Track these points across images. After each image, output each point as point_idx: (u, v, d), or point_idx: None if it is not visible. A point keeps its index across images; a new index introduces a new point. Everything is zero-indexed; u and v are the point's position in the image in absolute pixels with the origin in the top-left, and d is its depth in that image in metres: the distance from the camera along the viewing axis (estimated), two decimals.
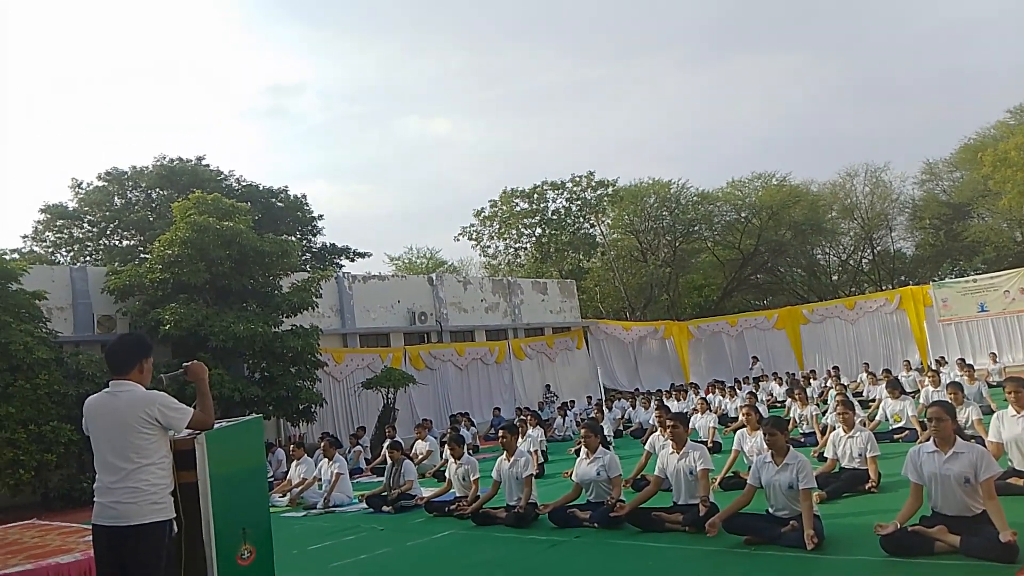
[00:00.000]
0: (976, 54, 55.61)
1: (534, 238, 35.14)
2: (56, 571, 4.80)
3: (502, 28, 74.58)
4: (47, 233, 25.58)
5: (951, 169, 33.00)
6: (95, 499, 3.59)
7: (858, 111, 58.92)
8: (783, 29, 64.03)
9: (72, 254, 25.72)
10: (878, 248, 35.05)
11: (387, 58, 75.46)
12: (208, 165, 26.49)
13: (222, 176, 26.60)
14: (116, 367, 3.68)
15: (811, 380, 18.93)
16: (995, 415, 6.59)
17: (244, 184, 26.93)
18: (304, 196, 28.38)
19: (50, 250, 25.65)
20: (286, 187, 28.03)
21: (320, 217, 29.08)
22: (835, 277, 36.46)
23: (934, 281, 24.92)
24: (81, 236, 25.91)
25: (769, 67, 65.69)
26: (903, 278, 34.14)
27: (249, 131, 72.36)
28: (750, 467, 6.43)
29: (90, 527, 3.64)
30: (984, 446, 6.06)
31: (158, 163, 25.83)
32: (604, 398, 17.70)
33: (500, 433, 8.12)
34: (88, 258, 25.29)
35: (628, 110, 68.93)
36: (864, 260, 35.83)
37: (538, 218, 34.71)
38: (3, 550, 5.54)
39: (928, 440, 5.16)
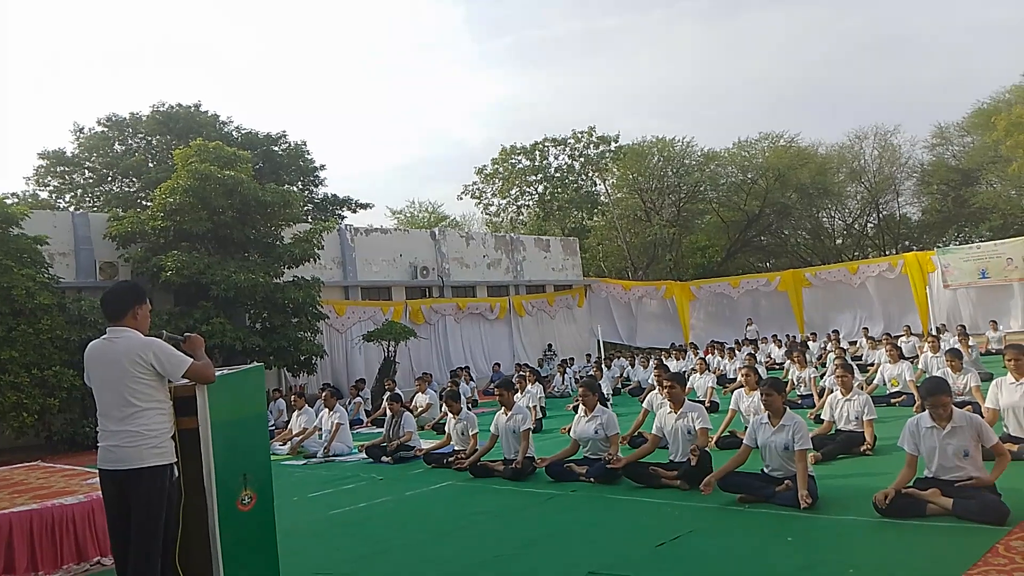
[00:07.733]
0: (1000, 9, 54.21)
1: (536, 195, 34.86)
2: (60, 511, 4.88)
3: None
4: (49, 178, 25.45)
5: (962, 133, 32.48)
6: (98, 443, 3.66)
7: (872, 69, 57.85)
8: None
9: (74, 200, 25.62)
10: (884, 213, 34.77)
11: (391, 5, 73.86)
12: (206, 111, 26.18)
13: (220, 122, 26.28)
14: (110, 314, 3.76)
15: (810, 343, 18.98)
16: (994, 382, 6.61)
17: (243, 131, 26.63)
18: (305, 143, 28.11)
19: (53, 195, 25.54)
20: (284, 132, 27.71)
21: (322, 167, 28.84)
22: (839, 241, 36.29)
23: (938, 247, 24.77)
24: (82, 182, 25.76)
25: (784, 22, 64.30)
26: (907, 243, 33.96)
27: (248, 81, 71.26)
28: (746, 427, 6.48)
29: (92, 470, 3.69)
30: (980, 413, 6.11)
31: (155, 109, 25.51)
32: (603, 357, 17.78)
33: (496, 390, 8.17)
34: (89, 204, 25.18)
35: (638, 64, 67.88)
36: (869, 224, 35.61)
37: (540, 175, 34.35)
38: (10, 489, 5.63)
39: (924, 411, 5.17)
